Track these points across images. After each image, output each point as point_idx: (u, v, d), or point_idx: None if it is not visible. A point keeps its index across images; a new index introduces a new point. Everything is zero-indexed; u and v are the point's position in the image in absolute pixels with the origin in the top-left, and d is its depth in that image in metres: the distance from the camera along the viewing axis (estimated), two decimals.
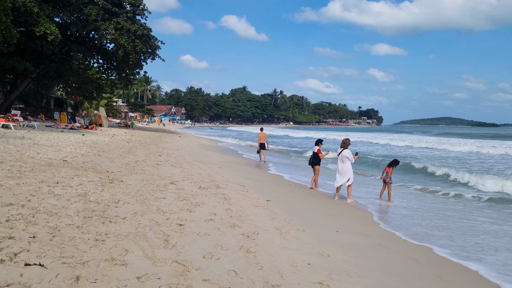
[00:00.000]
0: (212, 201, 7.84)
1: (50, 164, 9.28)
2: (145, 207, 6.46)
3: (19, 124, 19.53)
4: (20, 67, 29.48)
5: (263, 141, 19.51)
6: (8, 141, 12.86)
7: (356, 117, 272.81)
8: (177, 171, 11.69)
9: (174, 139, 30.35)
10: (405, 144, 39.83)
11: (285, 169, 17.16)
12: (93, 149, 13.94)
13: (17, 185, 6.50)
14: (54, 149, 12.29)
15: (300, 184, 12.92)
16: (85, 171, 8.99)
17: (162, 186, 8.69)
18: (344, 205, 9.79)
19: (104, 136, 21.44)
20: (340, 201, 10.29)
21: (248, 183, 11.56)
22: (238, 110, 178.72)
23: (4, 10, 21.17)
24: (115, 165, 10.95)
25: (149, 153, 15.84)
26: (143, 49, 34.93)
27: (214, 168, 14.20)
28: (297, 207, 8.82)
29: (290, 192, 11.00)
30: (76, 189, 6.97)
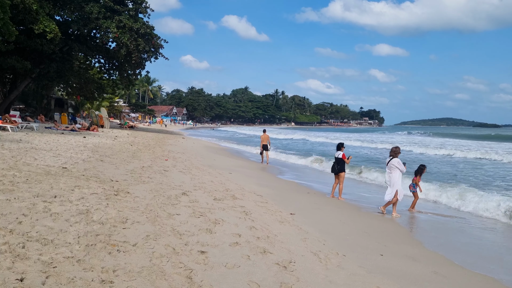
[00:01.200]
0: (232, 216, 6.87)
1: (48, 172, 8.30)
2: (158, 227, 5.49)
3: (17, 126, 18.58)
4: (19, 67, 28.51)
5: (266, 143, 19.48)
6: (3, 145, 11.89)
7: (358, 118, 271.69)
8: (187, 178, 10.71)
9: (178, 140, 29.39)
10: (445, 153, 30.08)
11: (296, 173, 16.18)
12: (95, 154, 12.97)
13: (7, 202, 5.52)
14: (53, 154, 11.32)
15: (319, 192, 11.94)
16: (87, 181, 8.01)
17: (174, 198, 7.71)
18: (374, 219, 8.80)
19: (106, 139, 20.47)
20: (369, 214, 9.30)
21: (265, 191, 10.58)
22: (239, 110, 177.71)
23: (1, 6, 20.20)
24: (120, 172, 9.97)
25: (155, 157, 14.87)
26: (146, 48, 33.96)
27: (225, 174, 13.23)
28: (326, 222, 7.83)
29: (312, 202, 10.02)
30: (77, 204, 5.99)
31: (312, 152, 26.12)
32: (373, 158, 24.77)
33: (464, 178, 16.37)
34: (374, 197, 11.35)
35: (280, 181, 13.70)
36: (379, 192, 12.06)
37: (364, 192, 12.35)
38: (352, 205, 10.13)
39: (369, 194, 11.98)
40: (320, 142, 46.11)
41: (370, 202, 10.63)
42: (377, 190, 12.59)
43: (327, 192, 11.90)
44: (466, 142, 49.59)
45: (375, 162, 21.18)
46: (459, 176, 17.08)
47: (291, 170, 17.37)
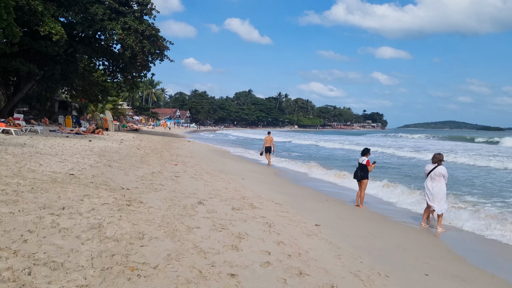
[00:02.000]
0: (255, 229, 6.28)
1: (54, 180, 7.74)
2: (179, 244, 4.90)
3: (21, 129, 18.06)
4: (24, 69, 28.08)
5: (269, 145, 19.87)
6: (6, 149, 11.35)
7: (361, 121, 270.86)
8: (200, 185, 10.13)
9: (184, 144, 28.84)
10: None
11: (311, 180, 15.58)
12: (102, 158, 12.42)
13: (11, 215, 4.95)
14: (58, 159, 10.76)
15: (338, 199, 11.33)
16: (96, 189, 7.45)
17: (190, 207, 7.14)
18: (404, 231, 8.19)
19: (112, 142, 19.93)
20: (397, 225, 8.69)
21: (282, 199, 10.00)
22: (242, 113, 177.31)
23: (5, 7, 19.74)
24: (130, 178, 9.41)
25: (163, 161, 14.30)
26: (151, 50, 33.47)
27: (238, 179, 12.65)
28: (356, 235, 7.23)
29: (333, 211, 9.42)
30: (87, 217, 5.42)
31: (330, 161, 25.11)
32: (394, 166, 22.24)
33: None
34: (397, 207, 10.75)
35: (294, 188, 13.10)
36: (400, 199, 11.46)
37: (386, 202, 11.72)
38: (377, 214, 9.52)
39: (391, 206, 11.34)
40: (334, 148, 42.13)
41: (395, 212, 10.02)
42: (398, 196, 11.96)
43: (346, 199, 11.31)
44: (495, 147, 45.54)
45: (401, 173, 18.47)
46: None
47: (305, 176, 16.78)
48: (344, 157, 27.96)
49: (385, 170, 19.07)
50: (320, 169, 17.75)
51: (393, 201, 11.21)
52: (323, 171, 17.33)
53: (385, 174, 16.80)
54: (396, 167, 21.17)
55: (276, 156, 22.65)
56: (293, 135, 72.79)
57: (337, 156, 29.02)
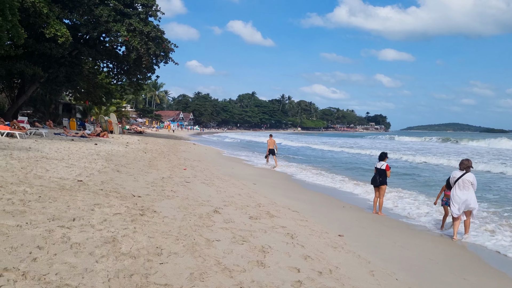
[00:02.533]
0: (277, 241, 5.87)
1: (62, 187, 7.34)
2: (200, 260, 4.49)
3: (26, 132, 17.72)
4: (28, 71, 27.79)
5: (272, 147, 20.07)
6: (12, 154, 10.97)
7: (364, 123, 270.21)
8: (212, 191, 9.73)
9: (190, 147, 28.47)
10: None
11: (315, 179, 15.13)
12: (110, 163, 12.03)
13: (19, 229, 4.56)
14: (65, 164, 10.38)
15: (354, 205, 10.89)
16: (107, 197, 7.05)
17: (206, 216, 6.73)
18: (433, 241, 7.74)
19: (118, 145, 19.56)
20: (423, 234, 8.24)
21: (298, 206, 9.58)
22: (246, 115, 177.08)
23: (10, 8, 19.44)
24: (140, 185, 9.01)
25: (172, 166, 13.91)
26: (157, 51, 33.14)
27: (249, 185, 12.24)
28: (382, 246, 6.81)
29: (353, 219, 8.99)
30: (100, 229, 5.02)
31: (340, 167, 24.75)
32: (408, 172, 20.72)
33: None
34: (419, 212, 10.30)
35: (308, 193, 12.67)
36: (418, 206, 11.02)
37: (403, 207, 11.27)
38: (399, 222, 9.08)
39: (414, 210, 10.88)
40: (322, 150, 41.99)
41: (417, 219, 9.58)
42: (411, 203, 11.51)
43: (363, 205, 10.87)
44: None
45: (416, 181, 16.79)
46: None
47: (310, 177, 16.33)
48: (335, 159, 27.50)
49: (398, 176, 18.61)
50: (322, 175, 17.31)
51: (411, 210, 10.74)
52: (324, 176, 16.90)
53: (400, 181, 16.34)
54: (408, 173, 20.68)
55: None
56: (286, 138, 72.06)
57: (327, 158, 28.59)
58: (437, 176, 18.90)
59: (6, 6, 19.13)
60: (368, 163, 25.24)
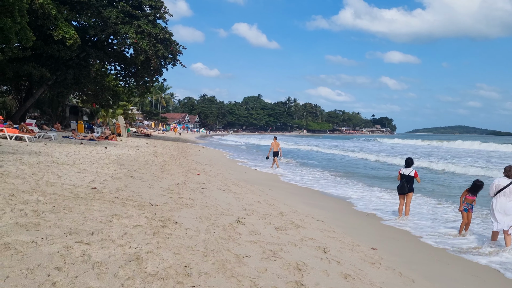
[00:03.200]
0: (310, 256, 5.41)
1: (77, 195, 6.93)
2: (234, 282, 4.05)
3: (35, 136, 17.39)
4: (36, 74, 27.56)
5: (276, 150, 20.14)
6: (22, 158, 10.59)
7: (370, 126, 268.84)
8: (230, 198, 9.29)
9: (198, 150, 28.06)
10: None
11: (327, 184, 14.64)
12: (122, 168, 11.63)
13: (34, 246, 4.13)
14: (77, 170, 9.98)
15: (378, 213, 10.39)
16: (124, 206, 6.62)
17: (230, 228, 6.29)
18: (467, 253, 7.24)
19: (128, 149, 19.18)
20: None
21: (321, 214, 9.12)
22: (251, 118, 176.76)
23: (19, 10, 19.16)
24: (156, 192, 8.58)
25: (185, 170, 13.49)
26: (165, 54, 32.82)
27: (266, 190, 11.79)
28: (420, 261, 6.32)
29: (380, 229, 8.51)
30: (122, 245, 4.59)
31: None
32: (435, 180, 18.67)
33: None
34: (446, 218, 9.79)
35: (326, 199, 12.18)
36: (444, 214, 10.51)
37: (428, 215, 10.76)
38: (427, 231, 8.57)
39: (434, 222, 10.37)
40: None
41: (444, 227, 9.06)
42: (433, 210, 11.00)
43: (385, 213, 10.37)
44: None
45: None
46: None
47: (320, 180, 15.84)
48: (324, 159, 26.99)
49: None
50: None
51: (435, 216, 10.23)
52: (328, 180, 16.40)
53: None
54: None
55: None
56: (295, 141, 71.70)
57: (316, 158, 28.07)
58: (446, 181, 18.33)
59: (15, 8, 18.86)
60: (370, 167, 24.72)
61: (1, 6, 18.62)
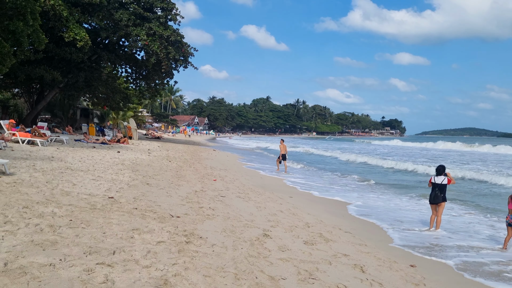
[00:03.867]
0: (349, 276, 4.96)
1: (93, 206, 6.54)
2: None
3: (47, 140, 17.13)
4: (48, 76, 27.43)
5: (284, 152, 20.20)
6: (35, 165, 10.26)
7: (379, 128, 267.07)
8: (251, 207, 8.86)
9: (210, 154, 27.69)
10: None
11: (342, 191, 14.13)
12: (137, 174, 11.25)
13: (52, 269, 3.72)
14: (92, 176, 9.62)
15: (407, 224, 9.87)
16: (144, 218, 6.22)
17: (257, 243, 5.85)
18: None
19: (141, 153, 18.85)
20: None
21: (348, 225, 8.66)
22: (260, 120, 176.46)
23: (32, 13, 18.96)
24: (175, 201, 8.18)
25: (201, 176, 13.08)
26: (176, 56, 32.50)
27: (286, 198, 11.35)
28: (462, 281, 5.82)
29: (412, 240, 8.00)
30: (147, 267, 4.17)
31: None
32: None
33: None
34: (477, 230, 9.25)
35: (347, 207, 11.69)
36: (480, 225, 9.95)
37: (461, 226, 10.21)
38: (461, 243, 8.04)
39: (473, 228, 9.83)
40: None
41: (480, 240, 8.53)
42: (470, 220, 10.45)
43: (413, 223, 9.84)
44: None
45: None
46: None
47: (332, 187, 15.35)
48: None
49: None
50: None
51: (469, 228, 9.68)
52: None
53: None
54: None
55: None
56: (308, 144, 71.18)
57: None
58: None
59: (28, 10, 18.65)
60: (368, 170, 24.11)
61: (13, 9, 18.44)
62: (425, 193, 12.89)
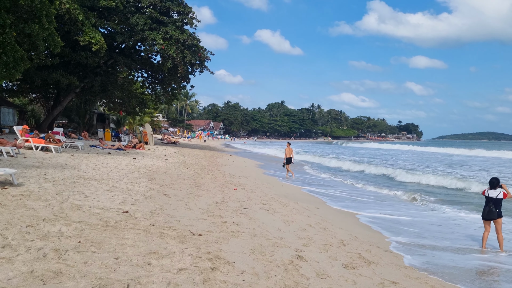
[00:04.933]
0: None
1: (106, 223, 5.85)
2: None
3: (61, 146, 16.67)
4: (64, 81, 27.23)
5: (289, 156, 20.14)
6: (46, 174, 9.68)
7: (396, 132, 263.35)
8: (278, 221, 8.07)
9: (228, 160, 27.00)
10: None
11: (372, 205, 13.21)
12: (154, 183, 10.58)
13: None
14: (105, 187, 8.97)
15: (457, 242, 8.95)
16: (162, 237, 5.50)
17: (292, 268, 5.07)
18: None
19: (157, 159, 18.25)
20: None
21: (384, 242, 7.79)
22: (275, 124, 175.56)
23: (47, 15, 18.62)
24: (195, 215, 7.44)
25: (220, 185, 12.35)
26: (192, 60, 32.00)
27: (312, 208, 10.53)
28: None
29: (471, 265, 7.09)
30: None
31: None
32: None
33: None
34: None
35: (379, 219, 10.81)
36: None
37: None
38: None
39: None
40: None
41: None
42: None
43: (461, 241, 8.91)
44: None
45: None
46: None
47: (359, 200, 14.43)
48: None
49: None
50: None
51: None
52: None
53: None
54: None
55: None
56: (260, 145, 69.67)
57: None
58: None
59: (43, 13, 18.31)
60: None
61: (28, 12, 18.14)
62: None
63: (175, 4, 32.82)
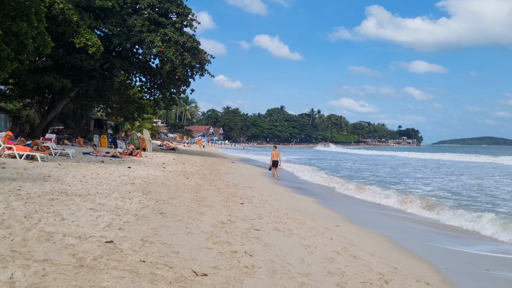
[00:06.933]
0: None
1: (80, 261, 4.41)
2: None
3: (50, 153, 15.23)
4: (57, 85, 25.82)
5: (276, 159, 20.56)
6: (20, 188, 8.23)
7: (396, 137, 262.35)
8: (297, 246, 6.64)
9: (229, 167, 25.58)
10: None
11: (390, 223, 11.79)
12: (149, 198, 9.15)
13: None
14: (90, 204, 7.53)
15: (475, 252, 7.54)
16: (153, 282, 4.08)
17: None
18: None
19: (154, 168, 16.80)
20: None
21: (431, 274, 6.37)
22: (275, 130, 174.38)
23: (36, 13, 17.28)
24: (197, 241, 6.01)
25: (225, 198, 10.92)
26: (192, 62, 30.63)
27: (332, 227, 9.12)
28: None
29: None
30: None
31: None
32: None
33: None
34: None
35: (412, 231, 9.38)
36: None
37: None
38: None
39: None
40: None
41: None
42: None
43: (491, 257, 7.50)
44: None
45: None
46: None
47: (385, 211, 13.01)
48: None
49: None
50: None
51: None
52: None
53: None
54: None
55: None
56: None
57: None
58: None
59: (32, 10, 16.96)
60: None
61: (16, 9, 16.79)
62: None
63: (174, 5, 31.56)
